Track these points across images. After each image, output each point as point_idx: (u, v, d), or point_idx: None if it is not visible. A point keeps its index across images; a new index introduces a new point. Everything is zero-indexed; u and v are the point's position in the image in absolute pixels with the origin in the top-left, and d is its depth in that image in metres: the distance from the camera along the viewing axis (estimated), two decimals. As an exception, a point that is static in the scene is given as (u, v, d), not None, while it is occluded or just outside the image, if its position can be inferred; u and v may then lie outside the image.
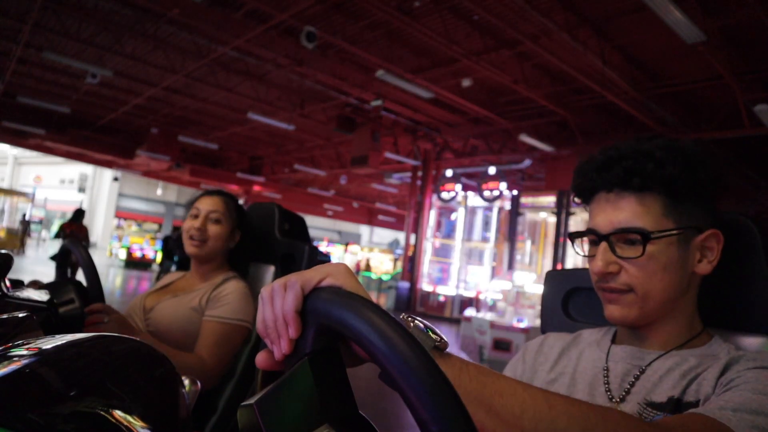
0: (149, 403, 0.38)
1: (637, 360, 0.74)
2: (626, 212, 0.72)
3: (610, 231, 0.73)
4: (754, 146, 9.54)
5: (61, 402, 0.34)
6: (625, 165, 0.72)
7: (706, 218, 0.74)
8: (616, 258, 0.72)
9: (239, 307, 1.49)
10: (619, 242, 0.72)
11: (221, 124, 14.28)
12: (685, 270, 0.72)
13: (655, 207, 0.71)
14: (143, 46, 9.42)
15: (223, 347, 1.44)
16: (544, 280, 1.09)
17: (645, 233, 0.70)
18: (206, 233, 1.54)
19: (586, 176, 0.76)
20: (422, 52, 8.35)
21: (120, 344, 0.43)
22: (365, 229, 34.11)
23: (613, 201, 0.73)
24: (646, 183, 0.71)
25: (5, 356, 0.37)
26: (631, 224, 0.71)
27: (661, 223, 0.71)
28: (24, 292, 1.14)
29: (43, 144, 16.77)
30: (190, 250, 1.55)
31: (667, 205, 0.71)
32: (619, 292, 0.73)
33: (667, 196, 0.71)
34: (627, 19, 6.58)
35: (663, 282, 0.71)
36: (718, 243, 0.74)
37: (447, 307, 12.39)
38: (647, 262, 0.71)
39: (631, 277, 0.72)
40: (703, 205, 0.73)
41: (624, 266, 0.72)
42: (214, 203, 1.58)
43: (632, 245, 0.71)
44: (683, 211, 0.72)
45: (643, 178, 0.71)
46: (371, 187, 19.92)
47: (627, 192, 0.72)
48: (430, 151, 13.28)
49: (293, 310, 0.43)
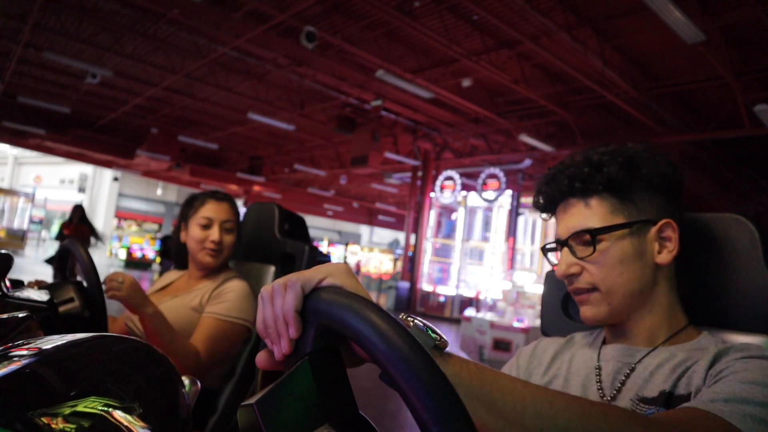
0: (149, 403, 0.38)
1: (628, 357, 0.76)
2: (577, 216, 0.78)
3: (568, 236, 0.78)
4: (754, 146, 9.54)
5: (62, 402, 0.34)
6: (568, 173, 0.79)
7: (660, 211, 0.77)
8: (576, 260, 0.77)
9: (240, 306, 1.49)
10: (578, 245, 0.77)
11: (221, 124, 14.28)
12: (644, 261, 0.75)
13: (601, 207, 0.76)
14: (143, 46, 9.42)
15: (218, 344, 1.43)
16: (544, 280, 1.09)
17: (591, 231, 0.75)
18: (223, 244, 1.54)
19: (539, 191, 0.84)
20: (422, 52, 8.36)
21: (120, 344, 0.43)
22: (365, 229, 34.11)
23: (566, 209, 0.80)
24: (587, 186, 0.77)
25: (5, 356, 0.37)
26: (584, 225, 0.76)
27: (610, 221, 0.75)
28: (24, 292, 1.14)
29: (43, 144, 16.76)
30: (206, 260, 1.54)
31: (614, 203, 0.76)
32: (585, 292, 0.78)
33: (612, 195, 0.76)
34: (627, 19, 6.58)
35: (622, 276, 0.75)
36: (674, 232, 0.76)
37: (447, 307, 12.39)
38: (601, 258, 0.75)
39: (592, 275, 0.76)
40: (655, 198, 0.76)
41: (585, 266, 0.77)
42: (226, 212, 1.57)
43: (586, 245, 0.76)
44: (632, 207, 0.76)
45: (582, 182, 0.77)
46: (371, 187, 19.91)
47: (574, 198, 0.79)
48: (430, 151, 13.28)
49: (293, 309, 0.43)
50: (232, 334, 1.47)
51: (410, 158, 13.37)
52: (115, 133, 16.15)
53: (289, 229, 1.70)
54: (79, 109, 14.17)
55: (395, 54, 8.26)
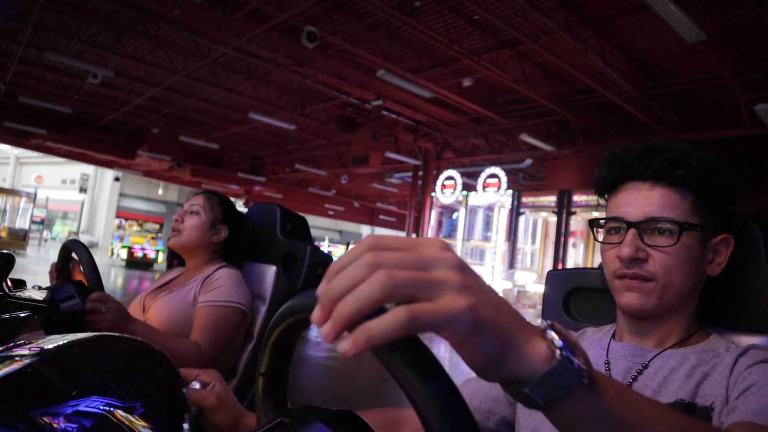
0: (150, 403, 0.38)
1: (638, 357, 0.75)
2: (659, 202, 0.74)
3: (642, 219, 0.74)
4: (754, 145, 9.53)
5: (63, 401, 0.34)
6: (668, 156, 0.74)
7: (722, 222, 0.76)
8: (645, 245, 0.74)
9: (232, 290, 1.49)
10: (648, 231, 0.74)
11: (222, 124, 14.29)
12: (700, 268, 0.75)
13: (685, 202, 0.73)
14: (144, 46, 9.43)
15: (218, 331, 1.43)
16: (545, 279, 1.09)
17: (681, 223, 0.72)
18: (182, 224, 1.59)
19: (624, 163, 0.77)
20: (423, 51, 8.35)
21: (121, 344, 0.43)
22: (366, 229, 34.11)
23: (647, 191, 0.75)
24: (686, 177, 0.73)
25: (7, 356, 0.37)
26: (664, 214, 0.73)
27: (689, 218, 0.73)
28: (25, 292, 1.14)
29: (45, 144, 16.79)
30: (169, 242, 1.61)
31: (695, 203, 0.74)
32: (641, 280, 0.74)
33: (696, 195, 0.74)
34: (628, 18, 6.57)
35: (684, 275, 0.73)
36: (728, 247, 0.76)
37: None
38: (676, 253, 0.72)
39: (657, 266, 0.73)
40: (721, 209, 0.76)
41: (651, 254, 0.73)
42: (195, 199, 1.64)
43: (662, 235, 0.73)
44: (705, 212, 0.74)
45: (684, 171, 0.73)
46: (372, 186, 19.92)
47: (662, 183, 0.74)
48: (431, 151, 13.27)
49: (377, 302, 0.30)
50: (228, 319, 1.46)
51: (411, 158, 13.36)
52: (116, 133, 16.16)
53: (291, 229, 1.70)
54: (80, 109, 14.18)
55: (396, 54, 8.26)
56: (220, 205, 1.65)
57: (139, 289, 11.23)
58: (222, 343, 1.46)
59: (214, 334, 1.43)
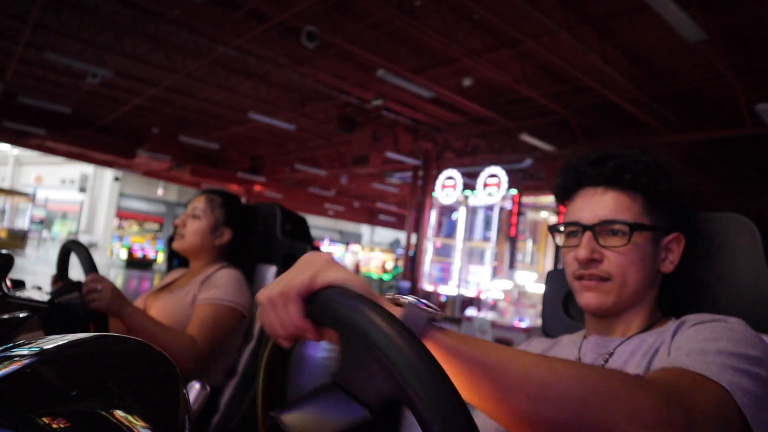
0: (150, 403, 0.38)
1: (604, 348, 0.80)
2: (611, 206, 0.79)
3: (596, 222, 0.79)
4: (755, 145, 9.52)
5: (62, 402, 0.34)
6: (618, 162, 0.80)
7: (673, 222, 0.82)
8: (600, 247, 0.78)
9: (231, 290, 1.49)
10: (602, 233, 0.79)
11: (222, 124, 14.29)
12: (654, 266, 0.80)
13: (636, 205, 0.79)
14: (144, 46, 9.42)
15: (214, 329, 1.43)
16: (545, 279, 1.09)
17: (631, 224, 0.77)
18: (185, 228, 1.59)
19: (578, 170, 0.83)
20: (423, 51, 8.35)
21: (121, 344, 0.43)
22: (366, 229, 34.11)
23: (600, 195, 0.81)
24: (635, 180, 0.79)
25: (6, 356, 0.37)
26: (616, 217, 0.78)
27: (640, 220, 0.79)
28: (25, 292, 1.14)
29: (44, 144, 16.78)
30: (174, 245, 1.62)
31: (645, 205, 0.79)
32: (598, 280, 0.79)
33: (646, 197, 0.80)
34: (628, 18, 6.57)
35: (638, 273, 0.78)
36: (679, 245, 0.82)
37: (448, 306, 12.40)
38: (629, 252, 0.77)
39: (612, 265, 0.78)
40: (673, 210, 0.82)
41: (606, 255, 0.78)
42: (197, 201, 1.63)
43: (615, 236, 0.78)
44: (657, 212, 0.80)
45: (633, 175, 0.79)
46: (372, 186, 19.91)
47: (614, 188, 0.80)
48: (431, 151, 13.27)
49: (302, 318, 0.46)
50: (226, 318, 1.47)
51: (411, 158, 13.36)
52: (115, 133, 16.16)
53: (290, 229, 1.70)
54: (79, 109, 14.17)
55: (396, 53, 8.25)
56: (224, 206, 1.64)
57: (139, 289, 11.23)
58: (218, 342, 1.46)
59: (210, 331, 1.43)
